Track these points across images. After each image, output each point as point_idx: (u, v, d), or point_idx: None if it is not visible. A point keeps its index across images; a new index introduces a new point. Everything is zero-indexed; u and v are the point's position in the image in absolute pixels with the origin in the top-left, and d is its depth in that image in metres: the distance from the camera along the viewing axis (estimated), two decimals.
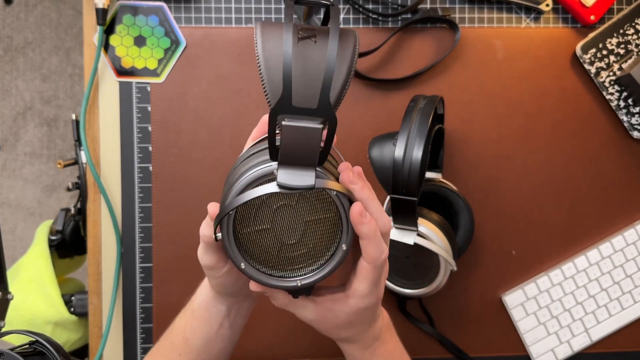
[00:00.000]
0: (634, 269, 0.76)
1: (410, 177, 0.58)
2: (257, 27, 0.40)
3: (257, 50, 0.39)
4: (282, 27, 0.40)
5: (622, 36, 0.75)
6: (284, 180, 0.38)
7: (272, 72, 0.39)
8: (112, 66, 0.74)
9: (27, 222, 1.78)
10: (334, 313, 0.46)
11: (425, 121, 0.59)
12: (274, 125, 0.36)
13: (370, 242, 0.42)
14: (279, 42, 0.40)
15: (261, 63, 0.39)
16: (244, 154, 0.45)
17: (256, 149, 0.44)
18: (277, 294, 0.45)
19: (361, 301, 0.45)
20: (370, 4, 0.75)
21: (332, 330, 0.49)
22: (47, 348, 0.47)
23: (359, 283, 0.44)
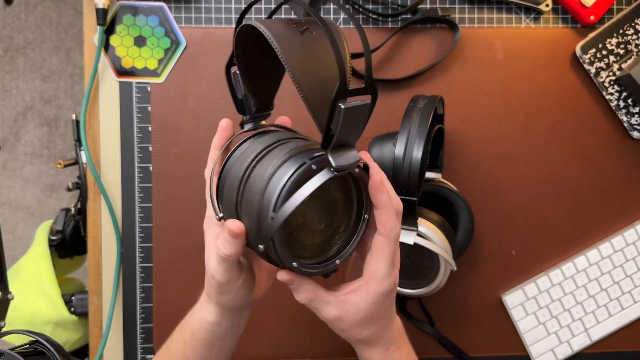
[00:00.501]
0: (634, 269, 0.76)
1: (410, 177, 0.58)
2: (264, 29, 0.40)
3: (281, 54, 0.38)
4: (288, 23, 0.40)
5: (621, 36, 0.76)
6: (339, 163, 0.39)
7: (306, 66, 0.39)
8: (112, 66, 0.74)
9: (27, 222, 1.78)
10: (356, 305, 0.46)
11: (425, 121, 0.59)
12: (332, 114, 0.37)
13: (387, 212, 0.43)
14: (296, 37, 0.40)
15: (288, 60, 0.38)
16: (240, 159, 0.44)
17: (255, 150, 0.44)
18: (304, 286, 0.44)
19: (380, 284, 0.45)
20: (370, 4, 0.75)
21: (354, 328, 0.47)
22: (47, 348, 0.47)
23: (377, 262, 0.45)
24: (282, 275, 0.44)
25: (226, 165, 0.46)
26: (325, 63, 0.39)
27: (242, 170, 0.43)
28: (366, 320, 0.47)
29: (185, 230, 0.74)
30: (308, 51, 0.39)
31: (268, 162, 0.42)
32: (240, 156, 0.45)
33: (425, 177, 0.70)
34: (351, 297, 0.46)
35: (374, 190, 0.43)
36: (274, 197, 0.39)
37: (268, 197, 0.40)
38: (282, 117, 0.53)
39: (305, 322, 0.75)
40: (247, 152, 0.45)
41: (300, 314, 0.75)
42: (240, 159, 0.45)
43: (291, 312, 0.75)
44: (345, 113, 0.37)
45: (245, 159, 0.44)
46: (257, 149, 0.44)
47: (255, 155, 0.44)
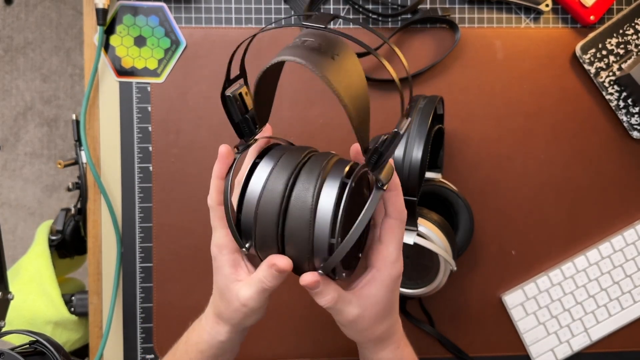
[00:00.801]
0: (634, 269, 0.76)
1: (410, 177, 0.58)
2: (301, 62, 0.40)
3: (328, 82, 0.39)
4: (315, 51, 0.41)
5: (621, 36, 0.76)
6: (385, 180, 0.43)
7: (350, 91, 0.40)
8: (112, 66, 0.74)
9: (27, 222, 1.78)
10: (374, 297, 0.46)
11: (425, 121, 0.59)
12: (393, 140, 0.42)
13: (397, 194, 0.45)
14: (333, 65, 0.41)
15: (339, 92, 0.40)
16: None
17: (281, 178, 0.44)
18: (330, 287, 0.44)
19: (392, 268, 0.46)
20: (370, 4, 0.75)
21: (373, 325, 0.48)
22: (47, 348, 0.47)
23: (387, 247, 0.46)
24: (308, 279, 0.43)
25: (246, 195, 0.45)
26: (359, 84, 0.41)
27: (278, 202, 0.43)
28: (384, 312, 0.48)
29: (185, 230, 0.74)
30: (346, 76, 0.40)
31: (303, 187, 0.43)
32: (266, 185, 0.45)
33: (425, 177, 0.70)
34: (367, 290, 0.46)
35: None
36: (329, 223, 0.41)
37: (322, 224, 0.42)
38: (266, 127, 0.53)
39: (305, 322, 0.75)
40: (274, 182, 0.44)
41: (300, 315, 0.75)
42: (270, 190, 0.44)
43: (291, 312, 0.75)
44: (400, 138, 0.41)
45: (276, 188, 0.44)
46: (283, 175, 0.44)
47: (285, 182, 0.44)
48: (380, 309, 0.47)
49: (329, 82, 0.38)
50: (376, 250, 0.46)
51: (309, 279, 0.43)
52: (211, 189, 0.48)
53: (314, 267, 0.43)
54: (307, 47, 0.40)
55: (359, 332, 0.48)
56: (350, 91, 0.39)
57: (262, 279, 0.45)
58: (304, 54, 0.39)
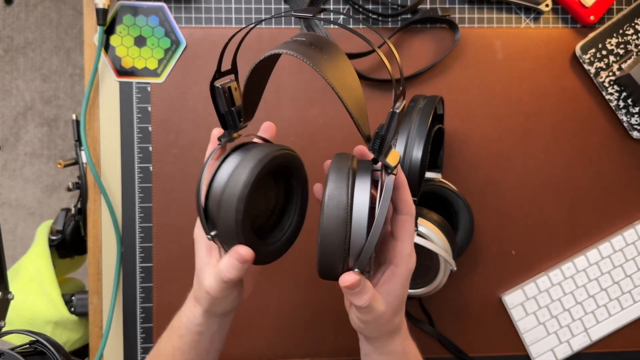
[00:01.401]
0: (634, 269, 0.76)
1: (410, 177, 0.58)
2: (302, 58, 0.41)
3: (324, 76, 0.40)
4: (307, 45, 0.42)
5: (621, 36, 0.76)
6: (392, 164, 0.43)
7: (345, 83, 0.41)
8: (112, 66, 0.74)
9: (27, 222, 1.78)
10: (394, 292, 0.47)
11: (425, 121, 0.59)
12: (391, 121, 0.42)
13: (405, 190, 0.46)
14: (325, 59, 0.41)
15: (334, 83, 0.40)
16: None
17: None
18: (367, 286, 0.45)
19: (408, 262, 0.47)
20: (370, 4, 0.75)
21: (390, 320, 0.49)
22: (47, 348, 0.47)
23: (402, 242, 0.46)
24: (350, 279, 0.43)
25: (214, 184, 0.47)
26: (351, 78, 0.41)
27: (237, 194, 0.45)
28: (400, 305, 0.49)
29: (185, 230, 0.74)
30: (339, 70, 0.41)
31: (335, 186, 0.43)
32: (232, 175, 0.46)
33: (425, 177, 0.70)
34: (388, 286, 0.47)
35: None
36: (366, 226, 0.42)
37: (359, 226, 0.42)
38: (267, 124, 0.55)
39: (305, 322, 0.75)
40: (239, 172, 0.46)
41: (299, 314, 0.75)
42: (234, 180, 0.46)
43: (291, 312, 0.75)
44: (399, 117, 0.41)
45: (240, 178, 0.46)
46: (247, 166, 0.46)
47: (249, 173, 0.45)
48: (398, 302, 0.48)
49: (323, 73, 0.39)
50: (391, 246, 0.47)
51: (350, 279, 0.43)
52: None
53: (345, 268, 0.43)
54: (301, 43, 0.42)
55: (379, 326, 0.49)
56: (344, 83, 0.40)
57: (222, 269, 0.47)
58: (299, 49, 0.40)
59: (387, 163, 0.42)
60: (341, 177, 0.43)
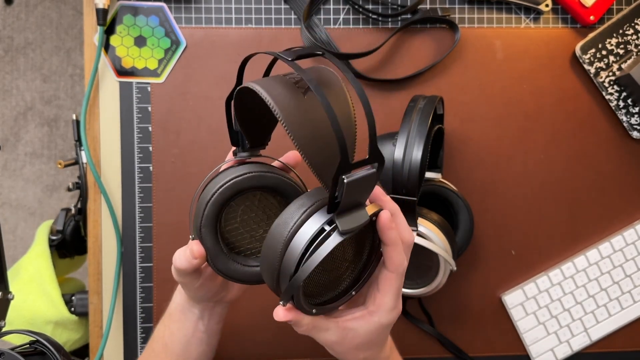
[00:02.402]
0: (634, 269, 0.76)
1: (410, 177, 0.58)
2: (260, 91, 0.39)
3: (281, 118, 0.38)
4: (288, 84, 0.40)
5: (621, 36, 0.76)
6: (346, 226, 0.39)
7: (309, 131, 0.39)
8: (112, 66, 0.74)
9: (27, 222, 1.78)
10: (356, 332, 0.46)
11: (425, 121, 0.59)
12: (335, 187, 0.38)
13: (395, 249, 0.43)
14: (298, 101, 0.39)
15: (294, 132, 0.38)
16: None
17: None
18: (304, 320, 0.44)
19: (385, 316, 0.46)
20: (370, 4, 0.75)
21: (349, 352, 0.48)
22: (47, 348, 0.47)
23: (384, 296, 0.45)
24: (281, 316, 0.43)
25: (205, 189, 0.48)
26: (326, 122, 0.39)
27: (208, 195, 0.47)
28: (364, 344, 0.47)
29: (185, 230, 0.74)
30: (310, 116, 0.39)
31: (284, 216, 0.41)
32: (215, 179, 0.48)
33: (425, 177, 0.70)
34: (352, 323, 0.46)
35: (382, 229, 0.42)
36: (295, 261, 0.40)
37: (289, 259, 0.40)
38: (292, 153, 0.53)
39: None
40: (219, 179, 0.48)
41: None
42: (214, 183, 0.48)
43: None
44: (349, 185, 0.38)
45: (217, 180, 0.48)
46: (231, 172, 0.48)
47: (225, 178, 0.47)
48: (359, 342, 0.47)
49: (281, 115, 0.37)
50: (373, 294, 0.46)
51: (281, 316, 0.43)
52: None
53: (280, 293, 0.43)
54: (284, 79, 0.40)
55: (336, 353, 0.49)
56: (306, 128, 0.38)
57: (175, 258, 0.49)
58: (269, 85, 0.39)
59: (337, 222, 0.39)
60: (297, 209, 0.41)
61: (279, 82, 0.40)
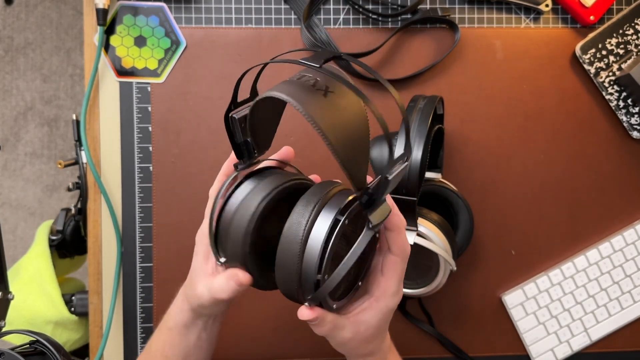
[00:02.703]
0: (634, 269, 0.76)
1: (410, 177, 0.58)
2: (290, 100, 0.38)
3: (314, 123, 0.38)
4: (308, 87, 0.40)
5: (621, 36, 0.76)
6: (375, 221, 0.41)
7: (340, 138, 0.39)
8: (112, 66, 0.74)
9: (27, 222, 1.78)
10: (368, 324, 0.47)
11: (425, 121, 0.59)
12: (382, 184, 0.40)
13: (400, 234, 0.45)
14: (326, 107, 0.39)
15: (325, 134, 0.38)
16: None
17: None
18: (327, 319, 0.44)
19: (391, 300, 0.47)
20: (370, 4, 0.75)
21: (360, 346, 0.48)
22: (47, 348, 0.47)
23: (388, 280, 0.46)
24: (307, 315, 0.43)
25: (226, 208, 0.46)
26: (352, 120, 0.40)
27: (247, 220, 0.44)
28: (373, 335, 0.48)
29: (185, 230, 0.74)
30: (337, 116, 0.39)
31: (296, 217, 0.42)
32: (244, 201, 0.46)
33: (425, 177, 0.70)
34: (362, 316, 0.47)
35: (390, 216, 0.44)
36: (317, 260, 0.41)
37: (310, 260, 0.41)
38: (286, 148, 0.53)
39: (305, 322, 0.75)
40: (249, 200, 0.45)
41: None
42: (244, 207, 0.45)
43: (291, 312, 0.75)
44: (391, 181, 0.40)
45: (250, 204, 0.45)
46: (259, 195, 0.45)
47: (259, 201, 0.45)
48: (371, 333, 0.48)
49: (312, 119, 0.37)
50: (377, 280, 0.47)
51: (305, 315, 0.43)
52: (216, 180, 0.52)
53: (302, 298, 0.43)
54: (300, 83, 0.40)
55: (349, 349, 0.49)
56: (337, 128, 0.38)
57: (215, 287, 0.47)
58: (291, 91, 0.39)
59: (370, 220, 0.41)
60: (306, 208, 0.42)
61: (301, 88, 0.39)
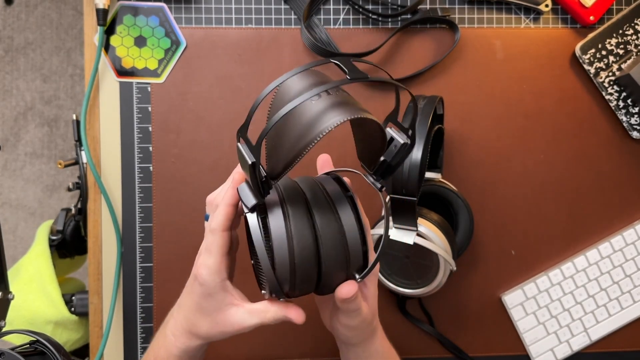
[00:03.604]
0: (634, 269, 0.76)
1: (410, 177, 0.58)
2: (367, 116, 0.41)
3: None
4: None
5: (621, 36, 0.76)
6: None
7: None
8: (112, 66, 0.74)
9: (27, 222, 1.78)
10: (372, 294, 0.51)
11: (424, 121, 0.59)
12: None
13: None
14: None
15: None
16: None
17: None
18: (359, 293, 0.47)
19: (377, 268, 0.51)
20: (370, 4, 0.75)
21: (372, 319, 0.51)
22: (47, 348, 0.47)
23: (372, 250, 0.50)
24: (351, 290, 0.45)
25: (275, 246, 0.44)
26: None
27: (313, 246, 0.44)
28: (376, 306, 0.52)
29: (185, 230, 0.74)
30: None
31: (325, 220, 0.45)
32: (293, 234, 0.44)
33: (425, 177, 0.70)
34: (366, 290, 0.51)
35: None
36: (358, 234, 0.45)
37: (352, 237, 0.45)
38: (323, 156, 0.54)
39: (305, 322, 0.75)
40: (300, 229, 0.44)
41: None
42: (301, 237, 0.44)
43: None
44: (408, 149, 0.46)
45: (305, 234, 0.44)
46: (303, 220, 0.44)
47: (311, 226, 0.45)
48: (374, 304, 0.51)
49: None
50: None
51: (351, 289, 0.45)
52: (220, 213, 0.47)
53: (352, 275, 0.46)
54: (340, 102, 0.41)
55: (363, 329, 0.51)
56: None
57: (269, 317, 0.48)
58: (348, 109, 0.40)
59: (380, 185, 0.46)
60: (326, 209, 0.45)
61: (344, 104, 0.41)
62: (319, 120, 0.39)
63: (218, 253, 0.47)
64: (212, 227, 0.47)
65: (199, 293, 0.49)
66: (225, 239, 0.47)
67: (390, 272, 0.67)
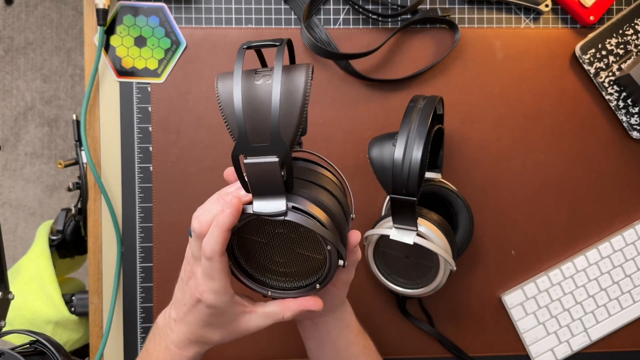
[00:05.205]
0: (634, 269, 0.76)
1: (410, 177, 0.58)
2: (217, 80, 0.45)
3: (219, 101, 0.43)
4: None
5: (621, 36, 0.76)
6: (259, 209, 0.43)
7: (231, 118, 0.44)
8: (112, 66, 0.74)
9: (27, 222, 1.78)
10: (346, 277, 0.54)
11: (424, 121, 0.59)
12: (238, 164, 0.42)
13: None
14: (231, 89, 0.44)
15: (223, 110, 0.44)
16: None
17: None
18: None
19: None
20: (370, 4, 0.75)
21: (343, 297, 0.57)
22: (47, 348, 0.47)
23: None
24: (359, 235, 0.50)
25: None
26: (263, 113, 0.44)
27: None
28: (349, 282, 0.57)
29: (185, 230, 0.74)
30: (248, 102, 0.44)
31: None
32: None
33: (425, 177, 0.70)
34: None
35: (351, 248, 0.51)
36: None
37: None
38: (229, 169, 0.53)
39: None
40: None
41: None
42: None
43: None
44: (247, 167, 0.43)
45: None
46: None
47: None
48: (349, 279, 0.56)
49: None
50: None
51: (358, 235, 0.50)
52: (216, 240, 0.45)
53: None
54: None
55: (346, 289, 0.56)
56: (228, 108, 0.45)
57: (287, 315, 0.50)
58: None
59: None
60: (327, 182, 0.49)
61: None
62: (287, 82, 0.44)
63: (221, 277, 0.47)
64: (209, 255, 0.45)
65: (208, 313, 0.49)
66: (225, 262, 0.47)
67: (390, 272, 0.67)
